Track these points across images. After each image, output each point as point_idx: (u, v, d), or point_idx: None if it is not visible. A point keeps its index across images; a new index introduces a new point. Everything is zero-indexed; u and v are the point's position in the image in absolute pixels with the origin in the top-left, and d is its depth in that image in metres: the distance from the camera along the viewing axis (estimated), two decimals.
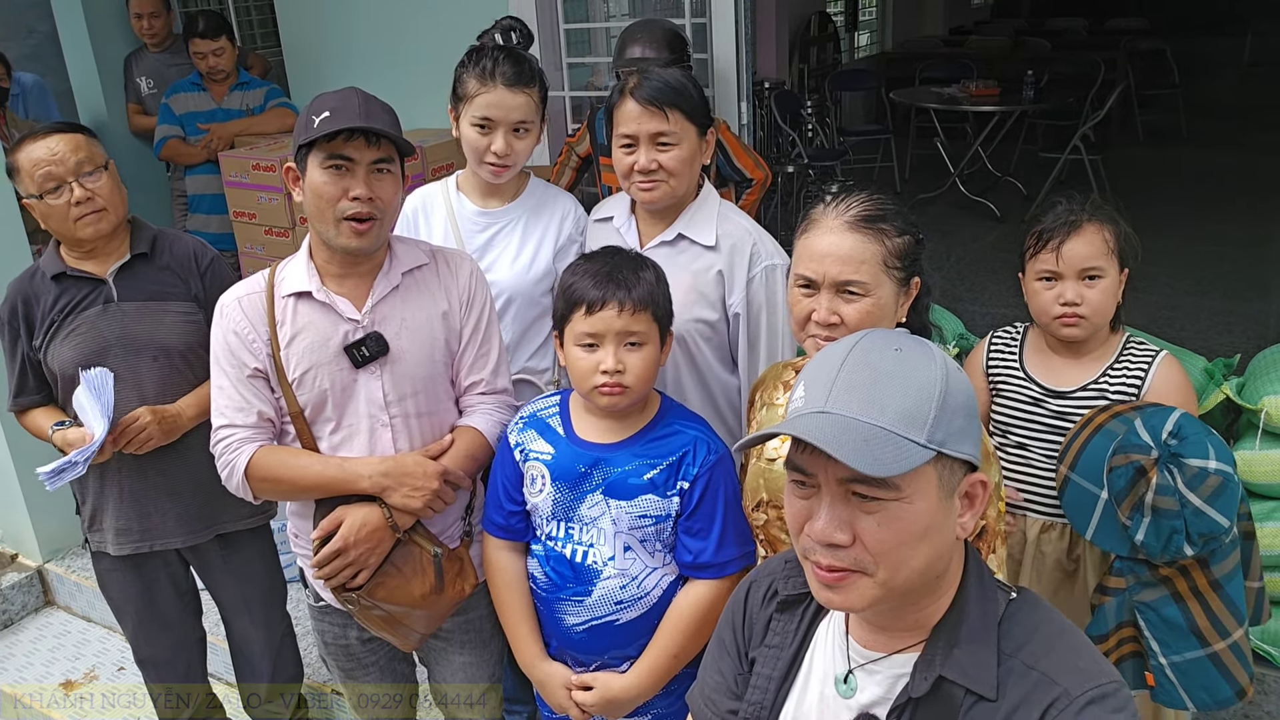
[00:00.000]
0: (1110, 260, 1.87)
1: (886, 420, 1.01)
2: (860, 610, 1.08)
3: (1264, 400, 2.04)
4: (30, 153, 2.11)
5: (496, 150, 2.10)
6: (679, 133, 1.95)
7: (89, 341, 2.20)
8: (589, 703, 1.80)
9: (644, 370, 1.72)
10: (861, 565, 1.04)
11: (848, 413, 1.01)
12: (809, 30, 8.98)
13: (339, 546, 1.79)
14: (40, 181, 2.10)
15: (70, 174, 2.11)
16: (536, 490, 1.80)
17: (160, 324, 2.24)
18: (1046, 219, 1.92)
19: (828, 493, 1.04)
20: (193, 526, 2.36)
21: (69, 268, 2.21)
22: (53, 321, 2.20)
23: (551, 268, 2.21)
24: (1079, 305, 1.87)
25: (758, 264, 2.03)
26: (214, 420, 1.86)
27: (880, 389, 1.03)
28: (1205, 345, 4.57)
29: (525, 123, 2.11)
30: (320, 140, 1.71)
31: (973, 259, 6.15)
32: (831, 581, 1.06)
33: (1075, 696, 1.02)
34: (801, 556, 1.10)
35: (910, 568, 1.05)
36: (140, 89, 4.80)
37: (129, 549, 2.35)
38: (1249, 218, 6.49)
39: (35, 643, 3.42)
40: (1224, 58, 11.89)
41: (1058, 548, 2.01)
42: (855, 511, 1.03)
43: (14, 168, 2.14)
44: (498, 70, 2.07)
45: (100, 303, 2.22)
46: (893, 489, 1.02)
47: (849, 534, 1.03)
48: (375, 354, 1.82)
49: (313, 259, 1.85)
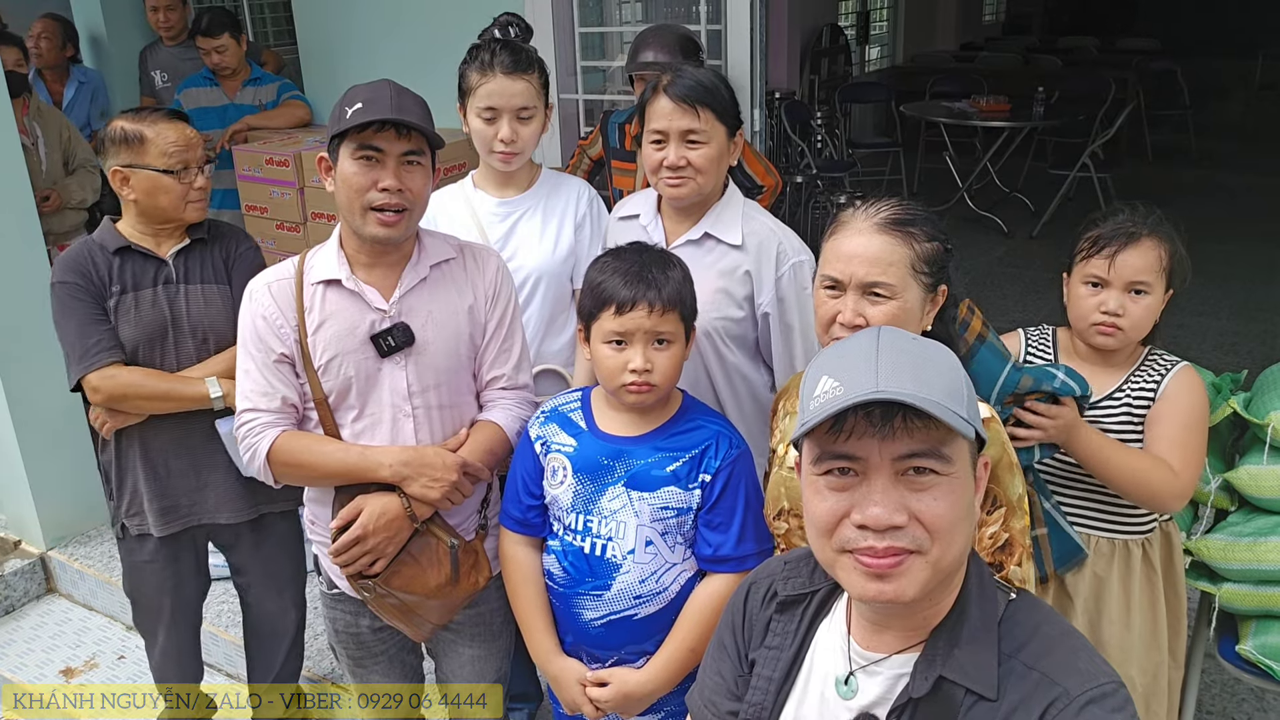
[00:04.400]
0: (1159, 278, 1.87)
1: (938, 396, 1.02)
2: (910, 599, 1.06)
3: (1271, 415, 2.03)
4: (163, 130, 2.21)
5: (503, 137, 2.16)
6: (709, 131, 1.97)
7: (152, 319, 2.24)
8: (604, 699, 1.80)
9: (671, 369, 1.74)
10: (918, 544, 1.04)
11: (904, 389, 1.02)
12: (820, 42, 9.00)
13: (358, 534, 1.80)
14: (174, 159, 2.21)
15: (196, 162, 2.26)
16: (558, 482, 1.80)
17: (213, 307, 2.30)
18: (1106, 225, 1.91)
19: (880, 475, 1.04)
20: (239, 505, 2.39)
21: (133, 243, 2.26)
22: (114, 294, 2.23)
23: (574, 246, 2.28)
24: (1120, 317, 1.86)
25: (785, 262, 2.05)
26: (238, 404, 1.87)
27: (923, 370, 1.05)
28: (1212, 365, 4.55)
29: (527, 108, 2.17)
30: (351, 131, 1.73)
31: (980, 274, 6.16)
32: (886, 569, 1.04)
33: (1075, 696, 1.03)
34: (837, 552, 1.08)
35: (957, 545, 1.06)
36: (155, 82, 4.83)
37: (178, 526, 2.37)
38: (1257, 240, 6.50)
39: (36, 629, 3.42)
40: (1235, 80, 11.91)
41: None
42: (906, 492, 1.04)
43: (135, 136, 2.19)
44: (496, 60, 2.15)
45: (161, 282, 2.27)
46: (947, 462, 1.04)
47: (905, 514, 1.03)
48: (401, 344, 1.84)
49: (343, 248, 1.87)
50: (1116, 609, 1.95)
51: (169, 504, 2.34)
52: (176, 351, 2.27)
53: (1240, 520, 2.13)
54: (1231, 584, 2.11)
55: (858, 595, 1.09)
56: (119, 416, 2.26)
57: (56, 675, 3.18)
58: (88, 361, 2.18)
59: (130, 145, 2.20)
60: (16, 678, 3.17)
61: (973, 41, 11.88)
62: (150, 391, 2.22)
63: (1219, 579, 2.14)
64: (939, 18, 11.64)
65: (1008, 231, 6.92)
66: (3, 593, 3.50)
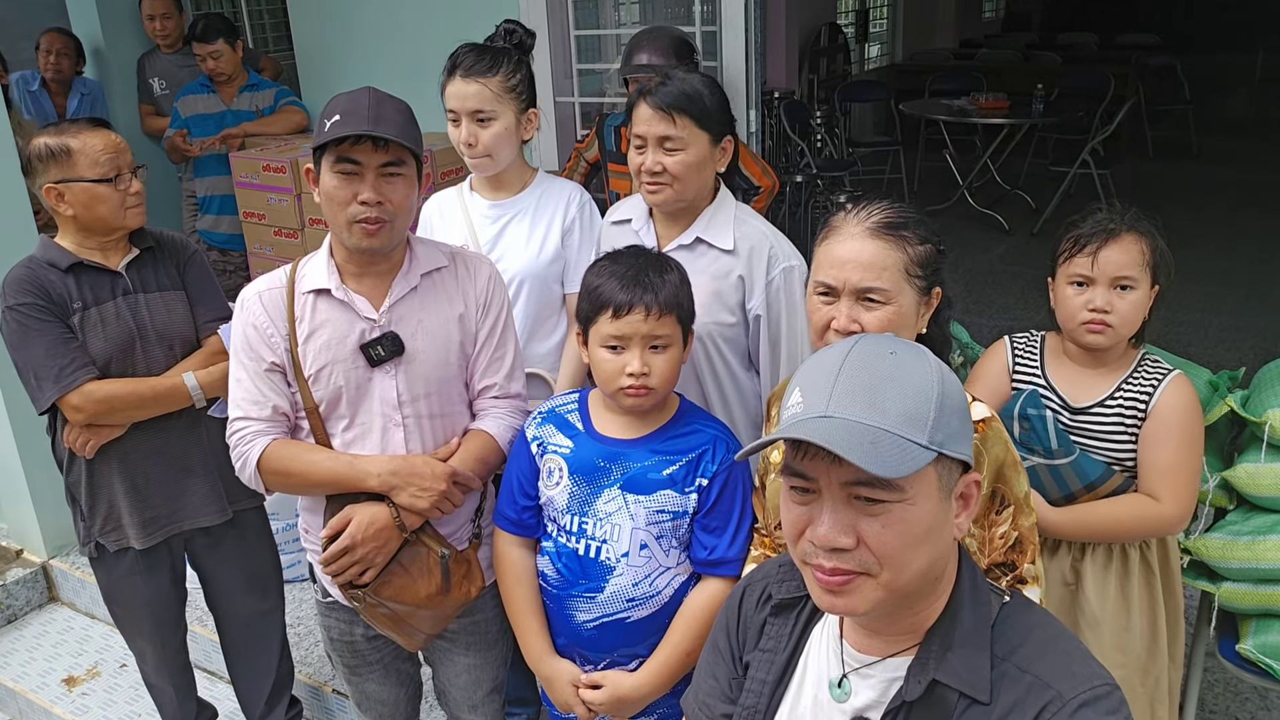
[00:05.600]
0: (1144, 273, 1.86)
1: (889, 423, 1.01)
2: (862, 614, 1.08)
3: (1269, 413, 2.02)
4: (88, 140, 2.19)
5: (463, 140, 2.20)
6: (686, 138, 1.98)
7: (119, 331, 2.23)
8: (598, 701, 1.80)
9: (668, 372, 1.74)
10: (865, 567, 1.04)
11: (851, 416, 1.01)
12: (819, 41, 9.01)
13: (346, 544, 1.80)
14: (106, 167, 2.19)
15: (128, 167, 2.23)
16: (553, 483, 1.80)
17: (175, 314, 2.31)
18: (1085, 225, 1.91)
19: (829, 497, 1.04)
20: (219, 504, 2.40)
21: (84, 259, 2.24)
22: (78, 310, 2.21)
23: (561, 250, 2.29)
24: (1108, 313, 1.86)
25: (776, 266, 2.06)
26: (230, 412, 1.87)
27: (880, 392, 1.03)
28: (1212, 360, 4.55)
29: (482, 111, 2.18)
30: (330, 144, 1.73)
31: (980, 271, 6.15)
32: (835, 586, 1.05)
33: (1068, 700, 1.03)
34: (800, 562, 1.10)
35: (913, 569, 1.05)
36: (153, 89, 4.84)
37: (159, 536, 2.37)
38: (1257, 234, 6.50)
39: (39, 638, 3.43)
40: (1235, 75, 11.90)
41: (1061, 563, 2.00)
42: (858, 515, 1.03)
43: (61, 150, 2.17)
44: (458, 64, 2.18)
45: (120, 294, 2.26)
46: (896, 490, 1.02)
47: (853, 537, 1.03)
48: (391, 354, 1.84)
49: (333, 257, 1.87)
50: (1115, 612, 1.94)
51: (150, 515, 2.34)
52: (147, 360, 2.26)
53: (1239, 519, 2.12)
54: (1231, 583, 2.10)
55: (818, 604, 1.11)
56: (102, 432, 2.24)
57: (59, 684, 3.18)
58: (64, 382, 2.15)
59: (58, 160, 2.17)
60: (19, 686, 3.18)
61: (972, 39, 11.88)
62: (134, 399, 2.22)
63: (1218, 578, 2.13)
64: (938, 15, 11.63)
65: (1008, 229, 6.91)
66: (5, 602, 3.50)
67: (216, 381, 2.26)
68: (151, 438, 2.30)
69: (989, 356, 2.08)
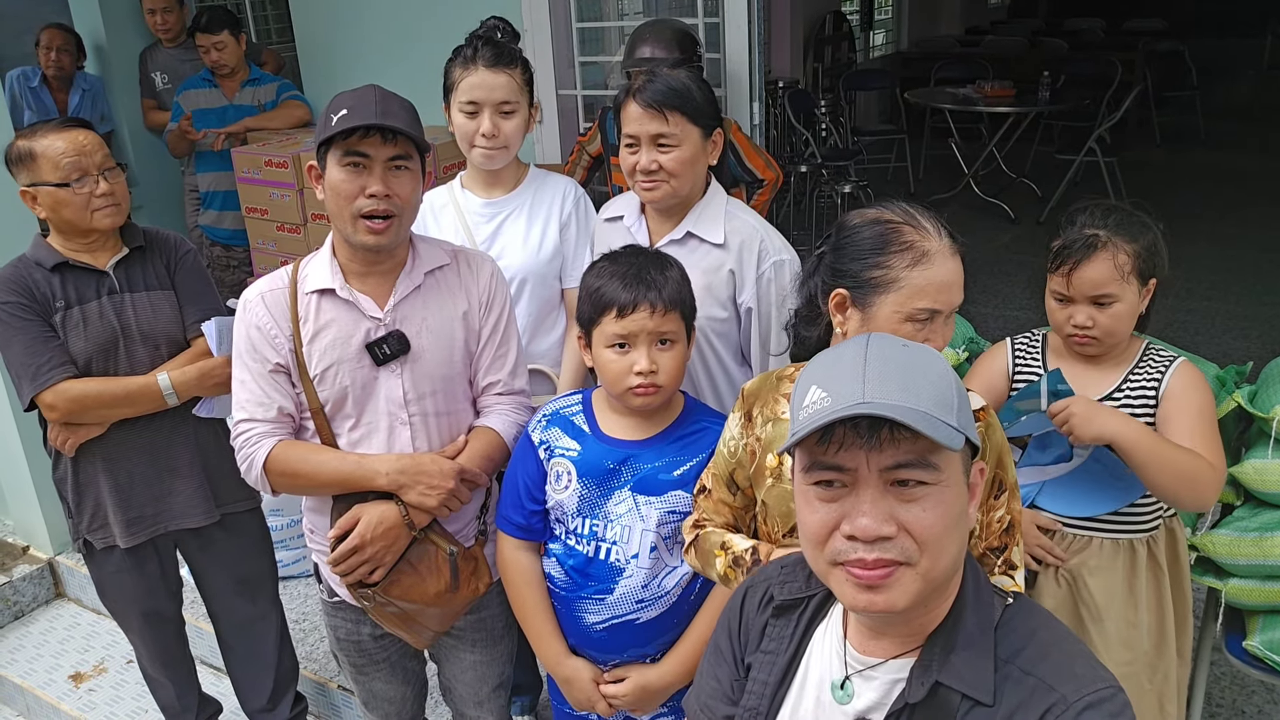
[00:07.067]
0: (1124, 284, 1.83)
1: (925, 406, 1.02)
2: (901, 610, 1.06)
3: (1276, 409, 2.01)
4: (50, 143, 2.16)
5: (484, 130, 2.17)
6: (679, 134, 1.98)
7: (101, 331, 2.23)
8: (622, 693, 1.80)
9: (676, 369, 1.74)
10: (907, 556, 1.03)
11: (890, 400, 1.01)
12: (824, 29, 8.96)
13: (355, 543, 1.80)
14: (67, 170, 2.16)
15: (95, 168, 2.20)
16: (562, 487, 1.80)
17: (161, 314, 2.30)
18: (1066, 234, 1.87)
19: (868, 486, 1.03)
20: (205, 506, 2.39)
21: (70, 259, 2.23)
22: (60, 310, 2.21)
23: (559, 246, 2.28)
24: (1090, 328, 1.86)
25: (766, 260, 2.06)
26: (235, 414, 1.87)
27: (910, 378, 1.04)
28: (1220, 350, 4.56)
29: (508, 103, 2.17)
30: (337, 138, 1.73)
31: (986, 261, 6.12)
32: (875, 580, 1.04)
33: (1072, 702, 1.03)
34: (829, 564, 1.08)
35: (948, 555, 1.05)
36: (155, 84, 4.83)
37: (144, 536, 2.36)
38: (1266, 222, 6.46)
39: (45, 634, 3.44)
40: (1243, 60, 11.83)
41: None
42: (895, 502, 1.03)
43: (26, 154, 2.17)
44: (478, 55, 2.16)
45: (105, 294, 2.25)
46: (936, 471, 1.03)
47: (894, 525, 1.03)
48: (396, 352, 1.84)
49: (335, 257, 1.87)
50: (1123, 609, 1.93)
51: (134, 514, 2.34)
52: (130, 360, 2.26)
53: (1246, 515, 2.11)
54: (1238, 579, 2.10)
55: (850, 606, 1.10)
56: (81, 431, 2.25)
57: (65, 680, 3.19)
58: (40, 380, 2.16)
59: (25, 164, 2.17)
60: (26, 683, 3.19)
61: (978, 25, 11.81)
62: (107, 398, 2.21)
63: (1225, 574, 2.12)
64: (943, 2, 11.57)
65: (1014, 218, 6.88)
66: (12, 598, 3.51)
67: (191, 381, 2.26)
68: (136, 437, 2.30)
69: (990, 355, 2.07)
